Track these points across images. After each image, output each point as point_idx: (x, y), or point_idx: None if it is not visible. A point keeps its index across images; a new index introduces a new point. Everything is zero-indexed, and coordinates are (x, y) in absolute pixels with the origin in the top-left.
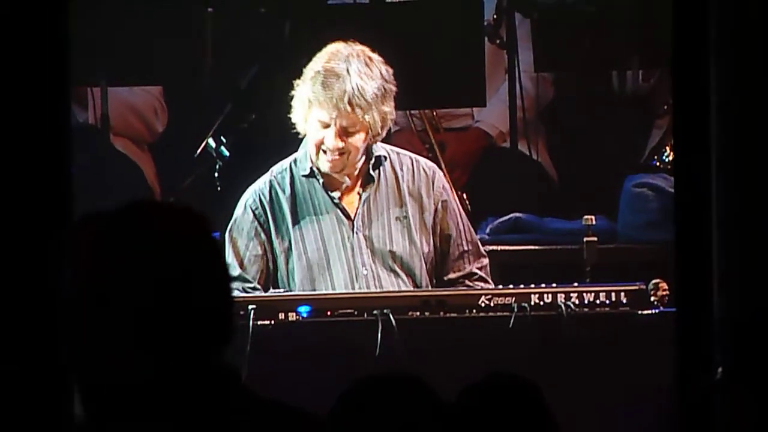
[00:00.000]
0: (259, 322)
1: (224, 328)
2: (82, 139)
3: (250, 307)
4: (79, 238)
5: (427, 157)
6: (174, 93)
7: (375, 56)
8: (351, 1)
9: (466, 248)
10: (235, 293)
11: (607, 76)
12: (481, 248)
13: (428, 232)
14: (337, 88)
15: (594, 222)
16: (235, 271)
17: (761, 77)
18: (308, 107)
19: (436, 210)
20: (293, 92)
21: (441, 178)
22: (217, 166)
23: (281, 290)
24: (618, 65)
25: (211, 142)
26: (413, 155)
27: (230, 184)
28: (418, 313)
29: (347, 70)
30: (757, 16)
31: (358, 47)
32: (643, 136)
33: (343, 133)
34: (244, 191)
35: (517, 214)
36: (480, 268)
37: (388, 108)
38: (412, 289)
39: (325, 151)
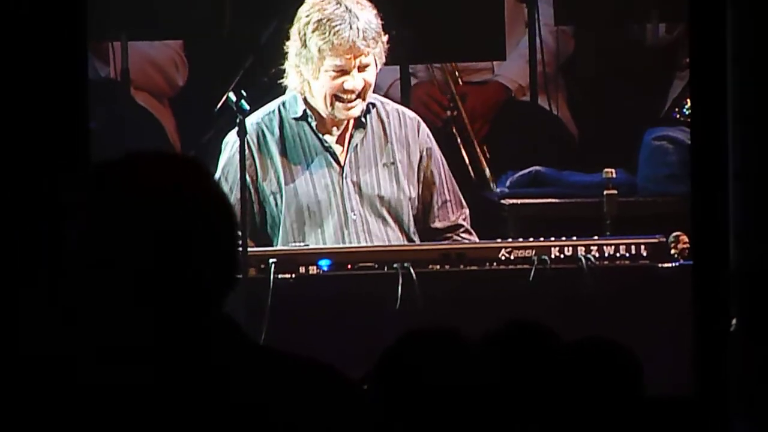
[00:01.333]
0: (280, 276)
1: (227, 280)
2: (103, 93)
3: (270, 260)
4: (78, 193)
5: (449, 108)
6: (194, 47)
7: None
8: None
9: (448, 197)
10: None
11: (628, 29)
12: (462, 199)
13: (414, 178)
14: (347, 28)
15: (614, 175)
16: None
17: None
18: (319, 58)
19: (421, 157)
20: (287, 58)
21: (425, 128)
22: (237, 120)
23: (301, 244)
24: (639, 18)
25: (232, 96)
26: (396, 105)
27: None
28: (438, 267)
29: (347, 10)
30: None
31: None
32: (664, 89)
33: (361, 72)
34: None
35: (537, 168)
36: (464, 219)
37: (385, 39)
38: (433, 243)
39: (342, 99)
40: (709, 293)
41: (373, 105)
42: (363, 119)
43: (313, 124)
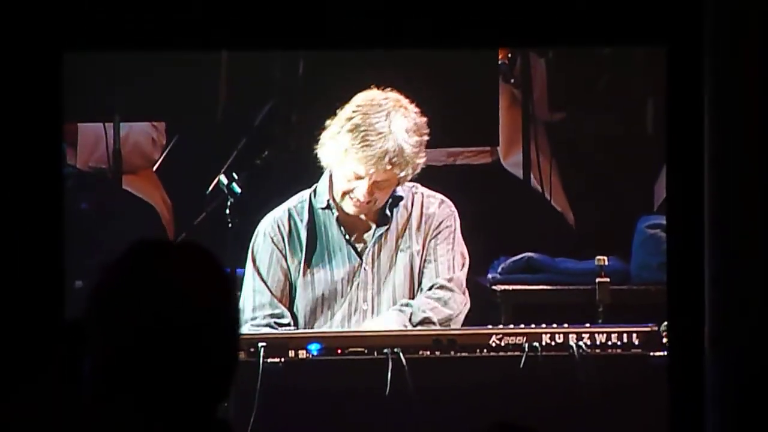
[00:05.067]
0: (269, 360)
1: (226, 384)
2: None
3: (260, 344)
4: (102, 270)
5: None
6: (186, 129)
7: (411, 107)
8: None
9: (445, 282)
10: (246, 330)
11: (623, 117)
12: (465, 292)
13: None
14: (378, 146)
15: (607, 262)
16: (265, 297)
17: (754, 133)
18: (344, 155)
19: (431, 239)
20: (325, 131)
21: (446, 212)
22: (229, 203)
23: (290, 328)
24: (633, 106)
25: (223, 178)
26: (427, 192)
27: (242, 221)
28: (428, 353)
29: (389, 128)
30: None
31: (394, 96)
32: (658, 178)
33: (376, 187)
34: (256, 228)
35: (530, 254)
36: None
37: (421, 159)
38: (423, 328)
39: (352, 198)
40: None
41: (401, 198)
42: (387, 213)
43: (336, 214)
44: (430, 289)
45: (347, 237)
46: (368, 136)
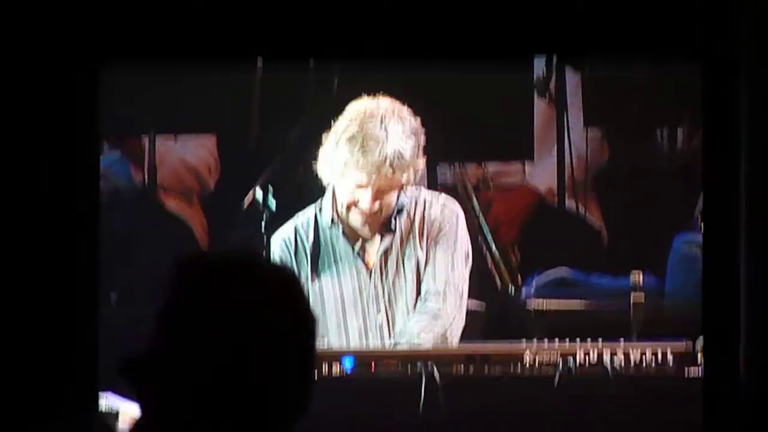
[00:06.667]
0: None
1: (306, 398)
2: (131, 194)
3: None
4: (173, 279)
5: (469, 216)
6: (223, 144)
7: (405, 110)
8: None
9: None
10: None
11: (658, 133)
12: (456, 304)
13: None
14: (377, 153)
15: (641, 279)
16: None
17: None
18: (344, 167)
19: (433, 244)
20: (322, 147)
21: (463, 222)
22: (264, 219)
23: (323, 344)
24: (669, 122)
25: (259, 192)
26: (436, 195)
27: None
28: (462, 368)
29: (386, 133)
30: None
31: (387, 102)
32: (694, 195)
33: (379, 194)
34: None
35: (564, 270)
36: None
37: (421, 161)
38: (457, 346)
39: (357, 209)
40: (720, 405)
41: (403, 206)
42: (392, 223)
43: (342, 229)
44: (424, 298)
45: (355, 251)
46: (366, 143)
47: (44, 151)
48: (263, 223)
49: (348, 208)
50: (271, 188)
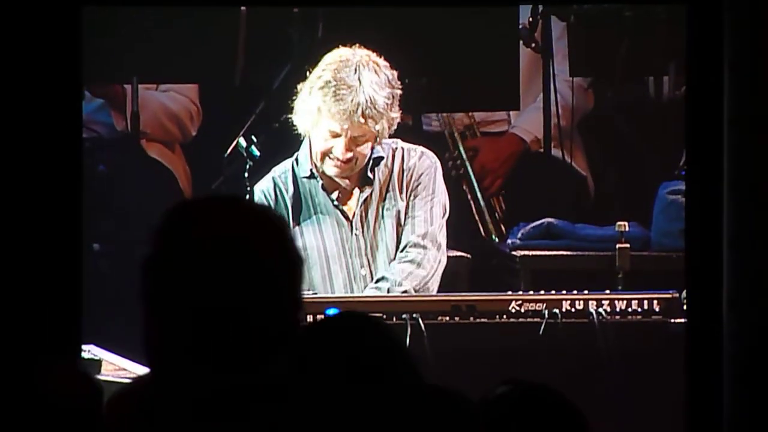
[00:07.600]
0: None
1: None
2: (115, 138)
3: None
4: (159, 228)
5: (455, 165)
6: (206, 92)
7: (381, 61)
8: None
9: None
10: None
11: (644, 82)
12: (440, 247)
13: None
14: (349, 100)
15: (627, 229)
16: None
17: None
18: (317, 115)
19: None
20: (297, 95)
21: (440, 172)
22: (248, 166)
23: (310, 293)
24: (655, 71)
25: (242, 141)
26: (412, 146)
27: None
28: (447, 318)
29: (359, 81)
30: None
31: (363, 52)
32: (679, 143)
33: (353, 143)
34: None
35: (550, 220)
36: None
37: (396, 114)
38: (443, 294)
39: (332, 158)
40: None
41: (383, 158)
42: (369, 175)
43: (321, 182)
44: (403, 249)
45: (334, 202)
46: (339, 90)
47: (25, 97)
48: (246, 173)
49: (323, 158)
50: (254, 138)
